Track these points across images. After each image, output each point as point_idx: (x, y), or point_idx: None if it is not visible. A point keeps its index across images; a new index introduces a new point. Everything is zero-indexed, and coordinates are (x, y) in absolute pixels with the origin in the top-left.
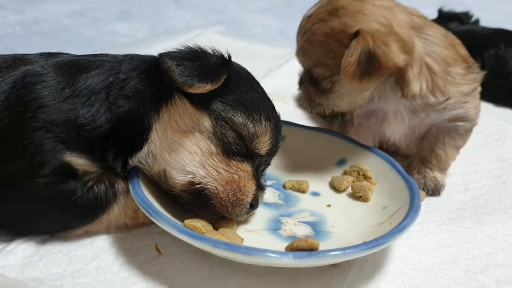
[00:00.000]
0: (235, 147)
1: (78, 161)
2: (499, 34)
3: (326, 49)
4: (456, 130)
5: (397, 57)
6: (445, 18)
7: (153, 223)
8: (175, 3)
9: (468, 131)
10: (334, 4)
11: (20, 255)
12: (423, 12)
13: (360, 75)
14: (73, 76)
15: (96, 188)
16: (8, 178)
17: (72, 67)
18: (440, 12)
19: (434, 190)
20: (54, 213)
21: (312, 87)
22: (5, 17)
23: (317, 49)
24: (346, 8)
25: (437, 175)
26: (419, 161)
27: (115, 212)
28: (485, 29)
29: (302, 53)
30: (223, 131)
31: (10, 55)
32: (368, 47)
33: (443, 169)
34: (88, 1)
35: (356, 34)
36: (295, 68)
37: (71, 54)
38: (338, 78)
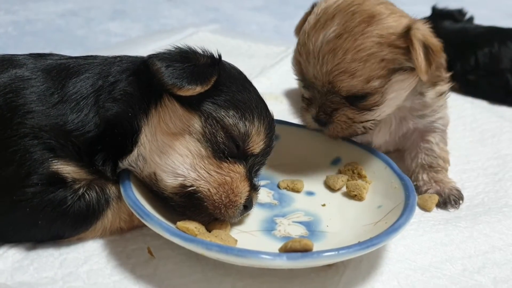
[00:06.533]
0: (225, 148)
1: (67, 169)
2: (492, 32)
3: (378, 60)
4: (438, 128)
5: (436, 41)
6: (438, 16)
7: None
8: (169, 2)
9: (446, 127)
10: (364, 13)
11: (10, 260)
12: (417, 9)
13: (428, 68)
14: (62, 81)
15: (87, 196)
16: None
17: (61, 71)
18: (434, 9)
19: (460, 197)
20: (45, 223)
21: (351, 110)
22: None
23: (368, 63)
24: (380, 13)
25: (449, 179)
26: (426, 170)
27: (109, 218)
28: (478, 27)
29: (346, 77)
30: (213, 132)
31: None
32: (421, 39)
33: (447, 169)
34: (82, 0)
35: (407, 31)
36: (289, 67)
37: (60, 56)
38: (390, 83)
